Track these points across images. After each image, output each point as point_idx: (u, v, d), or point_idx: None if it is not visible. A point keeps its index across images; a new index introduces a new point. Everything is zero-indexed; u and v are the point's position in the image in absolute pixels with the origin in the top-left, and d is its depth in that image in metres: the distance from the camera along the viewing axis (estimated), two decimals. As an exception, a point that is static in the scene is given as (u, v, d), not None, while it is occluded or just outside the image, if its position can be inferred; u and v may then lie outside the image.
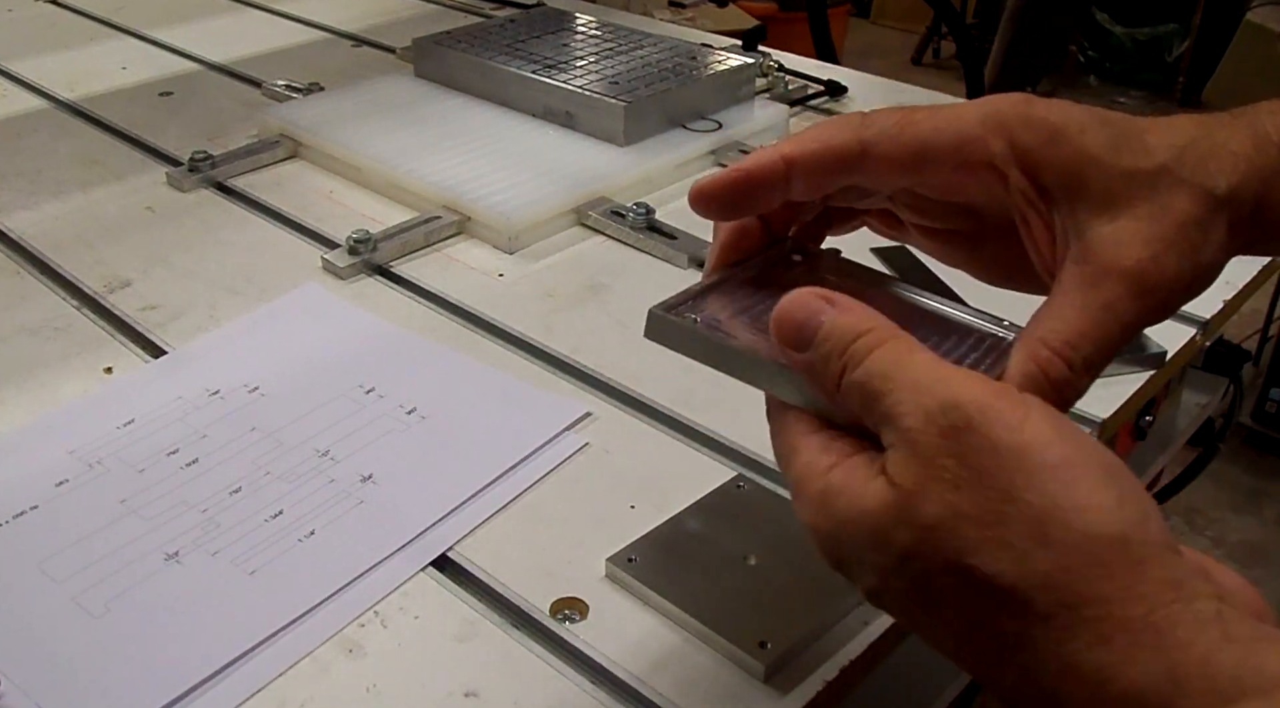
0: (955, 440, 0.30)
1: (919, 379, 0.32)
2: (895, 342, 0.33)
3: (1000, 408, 0.31)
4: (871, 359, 0.33)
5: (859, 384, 0.33)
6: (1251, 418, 1.92)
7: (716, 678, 0.44)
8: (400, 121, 0.89)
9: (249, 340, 0.65)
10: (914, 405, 0.31)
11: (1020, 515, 0.29)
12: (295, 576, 0.48)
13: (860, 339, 0.33)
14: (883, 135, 0.38)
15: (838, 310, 0.34)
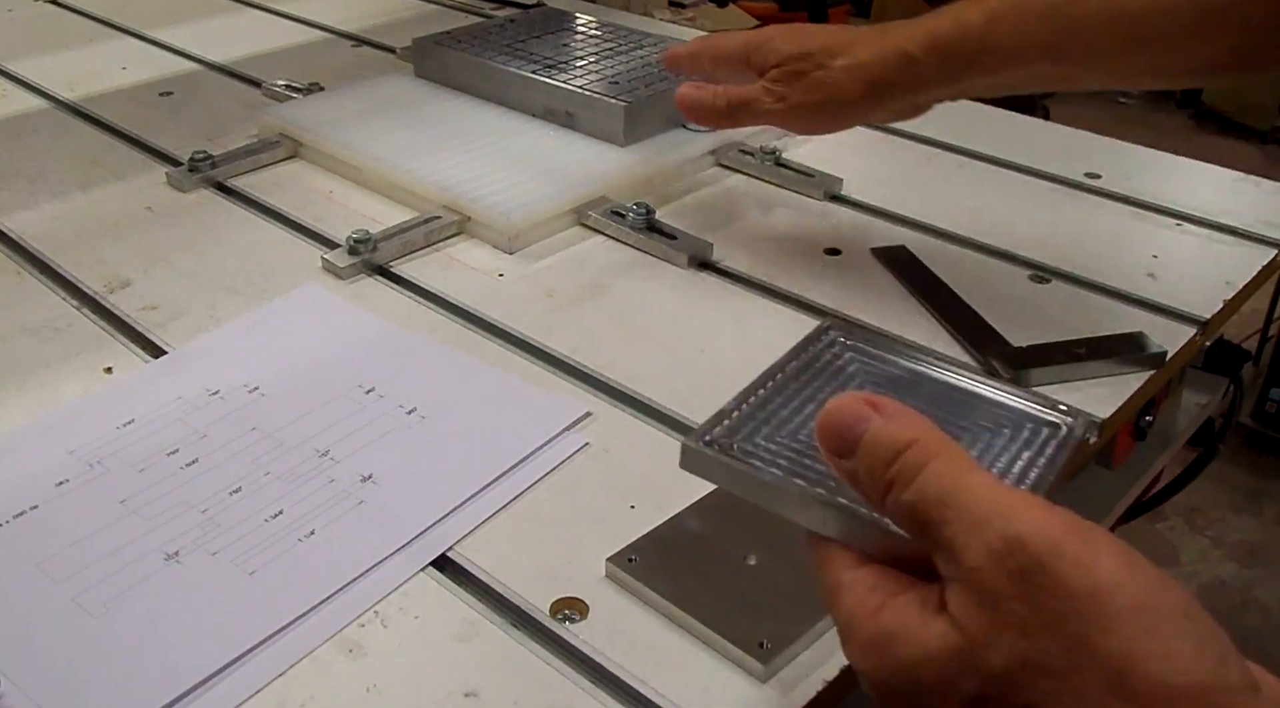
0: (1025, 583, 0.29)
1: (979, 510, 0.30)
2: (946, 459, 0.32)
3: (1070, 546, 0.29)
4: (923, 480, 0.31)
5: (910, 506, 0.32)
6: (1251, 418, 1.92)
7: (716, 678, 0.44)
8: (400, 121, 0.89)
9: (249, 340, 0.65)
10: (976, 541, 0.30)
11: (1097, 665, 0.28)
12: (295, 576, 0.48)
13: (908, 451, 0.32)
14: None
15: (884, 417, 0.33)
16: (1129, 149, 0.93)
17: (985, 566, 0.29)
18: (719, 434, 0.38)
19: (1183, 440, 0.86)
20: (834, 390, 0.41)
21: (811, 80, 0.64)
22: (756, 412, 0.40)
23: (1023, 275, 0.73)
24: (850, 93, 0.63)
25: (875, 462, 0.33)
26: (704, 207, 0.82)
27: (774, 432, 0.39)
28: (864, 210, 0.82)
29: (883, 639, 0.32)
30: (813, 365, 0.42)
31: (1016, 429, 0.39)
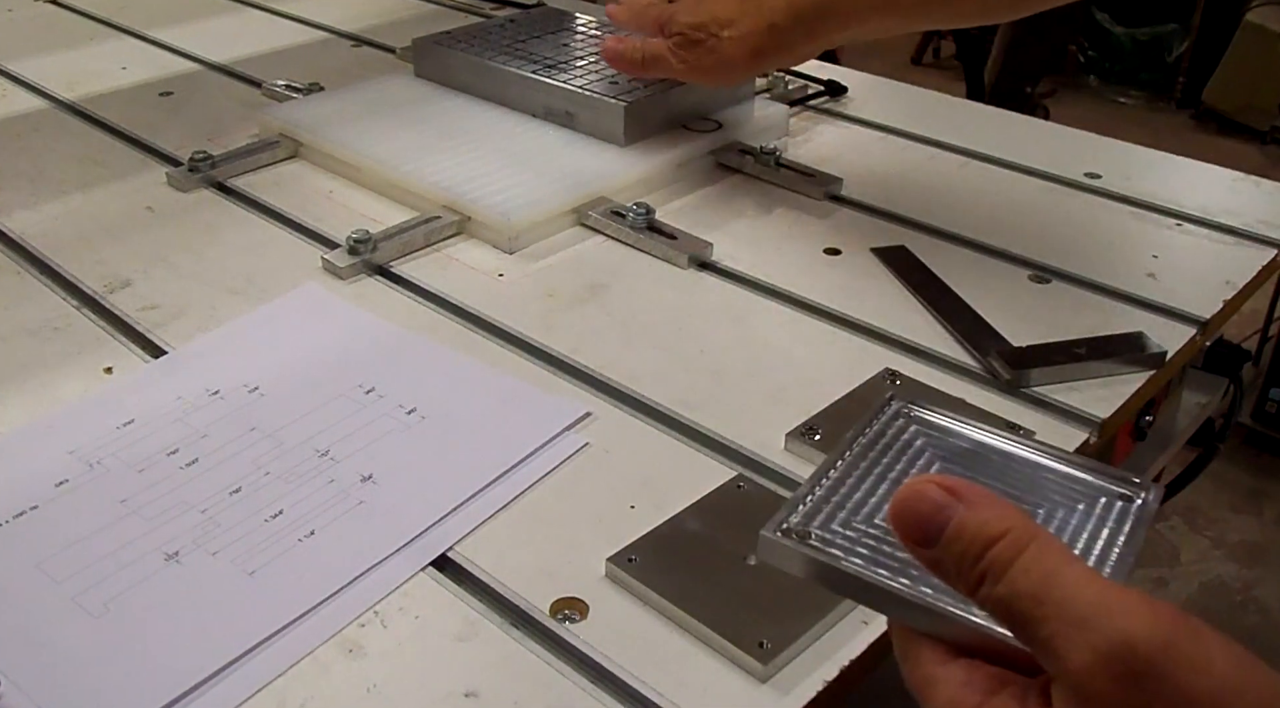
0: (1138, 689, 0.27)
1: (1081, 607, 0.29)
2: (1039, 550, 0.30)
3: (1182, 647, 0.27)
4: (1016, 573, 0.30)
5: (1004, 602, 0.30)
6: (1251, 418, 1.92)
7: (716, 678, 0.44)
8: (400, 121, 0.89)
9: (249, 340, 0.65)
10: (1080, 642, 0.28)
11: None
12: (295, 576, 0.48)
13: (999, 545, 0.30)
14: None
15: (967, 506, 0.32)
16: (1129, 149, 0.93)
17: (1093, 668, 0.28)
18: (796, 523, 0.37)
19: (1183, 440, 0.86)
20: (905, 468, 0.40)
21: (705, 48, 0.77)
22: (830, 496, 0.38)
23: (1023, 275, 0.73)
24: (736, 58, 0.76)
25: (964, 555, 0.31)
26: (704, 206, 0.82)
27: (850, 516, 0.38)
28: (864, 210, 0.82)
29: None
30: (879, 442, 0.41)
31: (1090, 503, 0.38)
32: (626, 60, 0.82)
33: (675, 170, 0.85)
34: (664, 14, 0.81)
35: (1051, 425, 0.58)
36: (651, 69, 0.81)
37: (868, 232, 0.78)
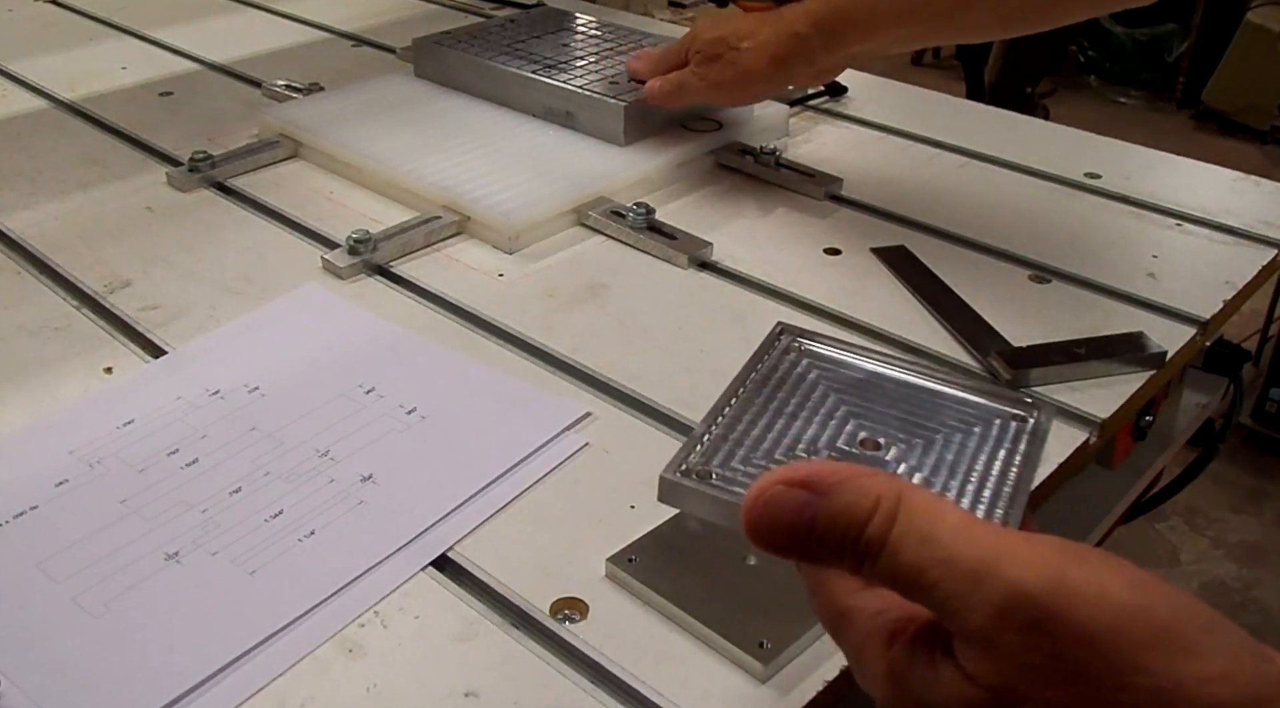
0: (1039, 635, 0.27)
1: (964, 565, 0.28)
2: (910, 516, 0.30)
3: (1073, 583, 0.27)
4: (894, 548, 0.29)
5: (889, 576, 0.30)
6: (1251, 418, 1.92)
7: (716, 678, 0.44)
8: (400, 121, 0.89)
9: (249, 340, 0.65)
10: (975, 602, 0.28)
11: (1139, 702, 0.27)
12: (295, 576, 0.48)
13: (870, 525, 0.30)
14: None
15: (823, 496, 0.31)
16: (1129, 149, 0.93)
17: (992, 625, 0.28)
18: (695, 462, 0.36)
19: (1183, 440, 0.86)
20: (800, 402, 0.40)
21: (725, 61, 0.77)
22: (728, 433, 0.38)
23: (1023, 275, 0.73)
24: (756, 68, 0.76)
25: (840, 547, 0.30)
26: (704, 206, 0.82)
27: (749, 452, 0.37)
28: (864, 210, 0.82)
29: (898, 675, 0.31)
30: (772, 377, 0.41)
31: (986, 426, 0.39)
32: (655, 94, 0.83)
33: (675, 170, 0.85)
34: (686, 40, 0.81)
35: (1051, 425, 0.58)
36: (679, 96, 0.82)
37: (868, 232, 0.78)
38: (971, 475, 0.36)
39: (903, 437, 0.39)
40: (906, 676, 0.30)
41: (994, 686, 0.28)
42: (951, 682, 0.29)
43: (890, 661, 0.31)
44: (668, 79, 0.82)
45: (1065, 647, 0.27)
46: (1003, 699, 0.28)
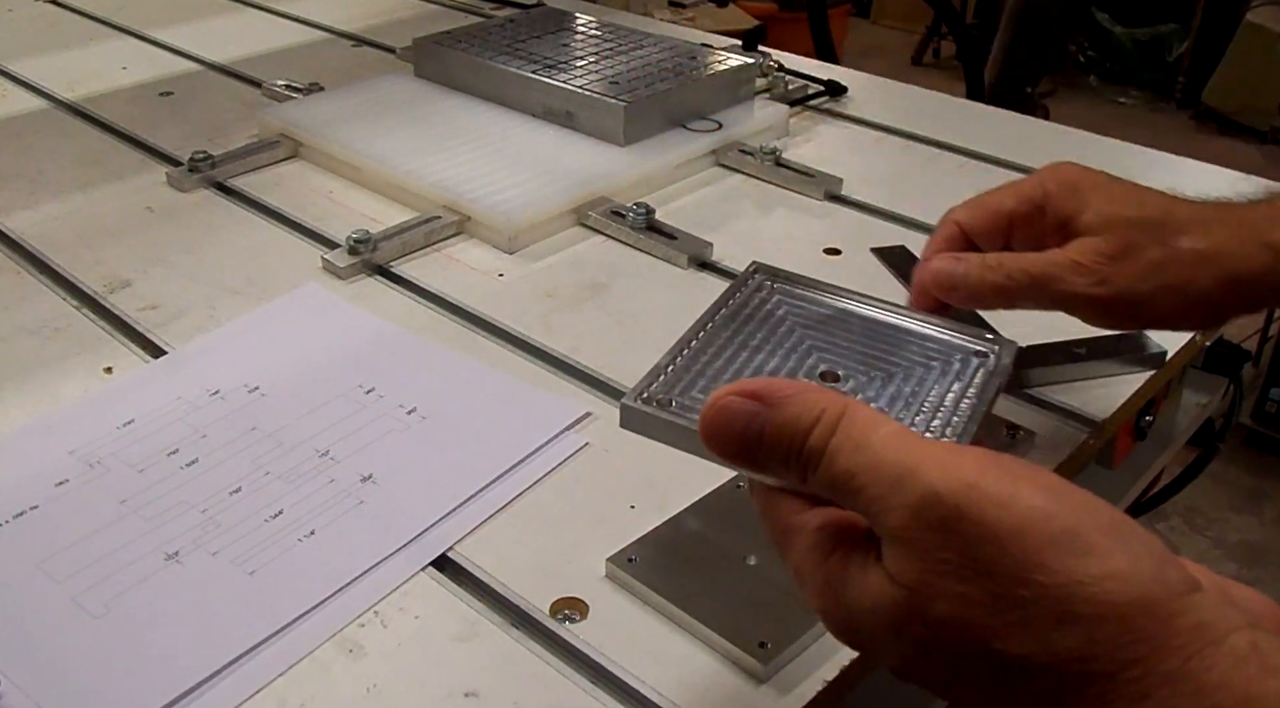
0: (949, 533, 0.29)
1: (889, 469, 0.31)
2: (849, 425, 0.32)
3: (986, 487, 0.30)
4: (832, 454, 0.32)
5: (827, 483, 0.32)
6: (1251, 418, 1.92)
7: (716, 678, 0.44)
8: (400, 121, 0.89)
9: (249, 340, 0.65)
10: (894, 503, 0.30)
11: (1038, 597, 0.28)
12: (295, 576, 0.48)
13: (813, 434, 0.32)
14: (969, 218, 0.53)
15: (773, 407, 0.33)
16: (1129, 149, 0.93)
17: (907, 524, 0.30)
18: (656, 391, 0.38)
19: (1183, 441, 0.86)
20: (765, 335, 0.41)
21: (1147, 262, 0.48)
22: (691, 364, 0.40)
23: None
24: (1202, 286, 0.48)
25: (786, 455, 0.33)
26: (704, 206, 0.82)
27: (710, 383, 0.39)
28: (864, 210, 0.82)
29: (832, 585, 0.33)
30: (741, 312, 0.42)
31: (946, 362, 0.40)
32: (974, 286, 0.50)
33: (675, 170, 0.85)
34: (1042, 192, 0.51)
35: (1052, 425, 0.58)
36: (1031, 294, 0.50)
37: (868, 232, 0.78)
38: (924, 406, 0.38)
39: (862, 369, 0.40)
40: (841, 584, 0.32)
41: (910, 583, 0.30)
42: (877, 583, 0.31)
43: (827, 571, 0.33)
44: (1011, 266, 0.50)
45: (972, 545, 0.29)
46: (918, 595, 0.30)
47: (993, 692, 0.30)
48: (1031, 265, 0.49)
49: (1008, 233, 0.51)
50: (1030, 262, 0.49)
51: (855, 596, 0.32)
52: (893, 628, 0.31)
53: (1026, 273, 0.48)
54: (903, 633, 0.31)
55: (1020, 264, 0.49)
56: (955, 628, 0.30)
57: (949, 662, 0.30)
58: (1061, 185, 0.50)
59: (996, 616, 0.29)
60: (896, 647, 0.31)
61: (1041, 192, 0.50)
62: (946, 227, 0.53)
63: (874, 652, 0.33)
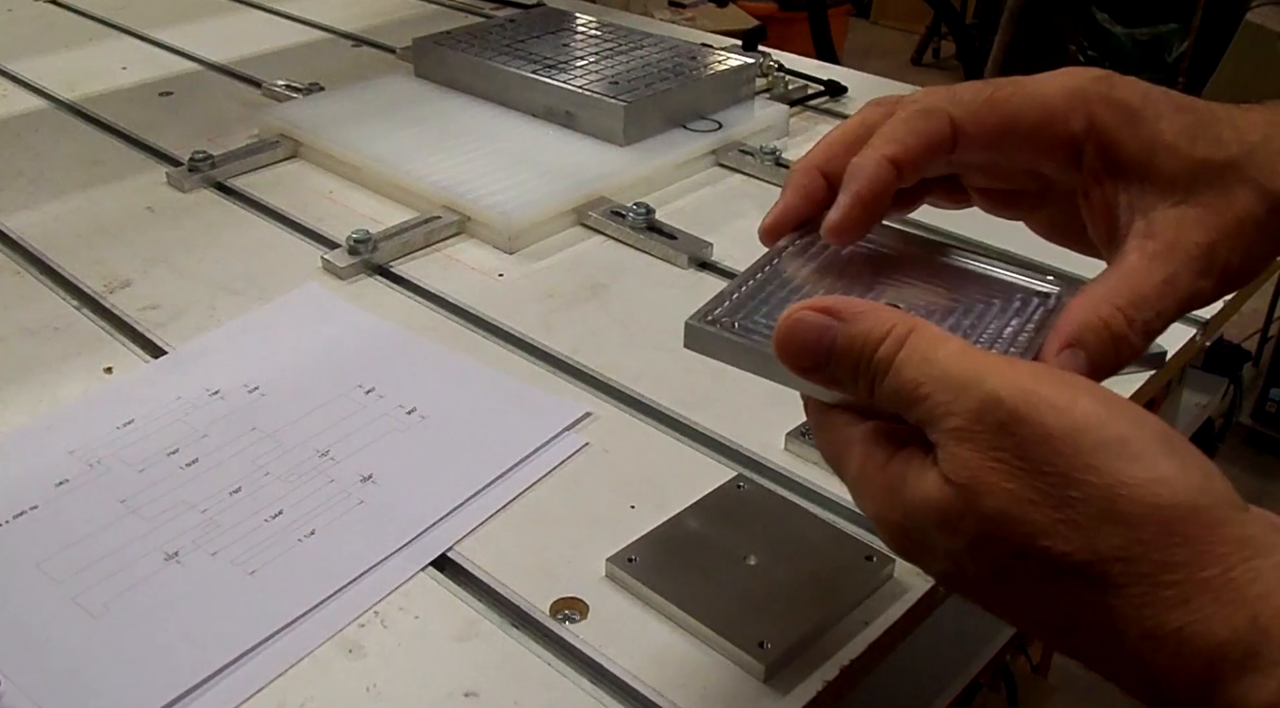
0: (1005, 434, 0.30)
1: (953, 377, 0.32)
2: (917, 339, 0.33)
3: (1044, 393, 0.30)
4: (899, 365, 0.33)
5: (892, 393, 0.33)
6: (1251, 418, 1.92)
7: (716, 678, 0.44)
8: (400, 121, 0.89)
9: (249, 340, 0.65)
10: (955, 406, 0.31)
11: (1085, 496, 0.29)
12: (295, 576, 0.48)
13: (882, 346, 0.33)
14: (969, 114, 0.39)
15: (845, 322, 0.34)
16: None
17: (965, 425, 0.31)
18: (721, 314, 0.39)
19: (1183, 440, 0.86)
20: (830, 270, 0.42)
21: (1252, 223, 0.37)
22: (756, 293, 0.41)
23: (1023, 275, 0.73)
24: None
25: (855, 367, 0.34)
26: (704, 206, 0.82)
27: (774, 310, 0.39)
28: (864, 210, 0.81)
29: (892, 488, 0.33)
30: (809, 249, 0.43)
31: (1007, 300, 0.40)
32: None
33: (675, 170, 0.85)
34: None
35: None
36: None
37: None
38: (982, 338, 0.38)
39: (923, 304, 0.40)
40: (901, 485, 0.33)
41: (965, 480, 0.31)
42: (934, 483, 0.32)
43: (888, 475, 0.34)
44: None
45: (1026, 445, 0.30)
46: (971, 491, 0.31)
47: (1035, 593, 0.31)
48: (1163, 299, 0.37)
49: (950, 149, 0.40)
50: (1154, 292, 0.36)
51: (913, 496, 0.32)
52: (946, 525, 0.32)
53: (1165, 316, 0.37)
54: (955, 530, 0.31)
55: (1153, 307, 0.36)
56: (1004, 524, 0.30)
57: (995, 560, 0.31)
58: (1115, 111, 0.38)
59: (1044, 513, 0.30)
60: (948, 545, 0.32)
61: (1085, 120, 0.38)
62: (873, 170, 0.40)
63: (926, 555, 0.34)
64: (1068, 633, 0.31)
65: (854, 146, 0.41)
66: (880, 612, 0.47)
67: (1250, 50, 3.12)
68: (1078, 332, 0.36)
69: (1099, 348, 0.36)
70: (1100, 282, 0.37)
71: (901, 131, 0.39)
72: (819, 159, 0.42)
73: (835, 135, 0.42)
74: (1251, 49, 3.12)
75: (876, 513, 0.34)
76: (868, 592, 0.48)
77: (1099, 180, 0.39)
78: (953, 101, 0.40)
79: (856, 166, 0.40)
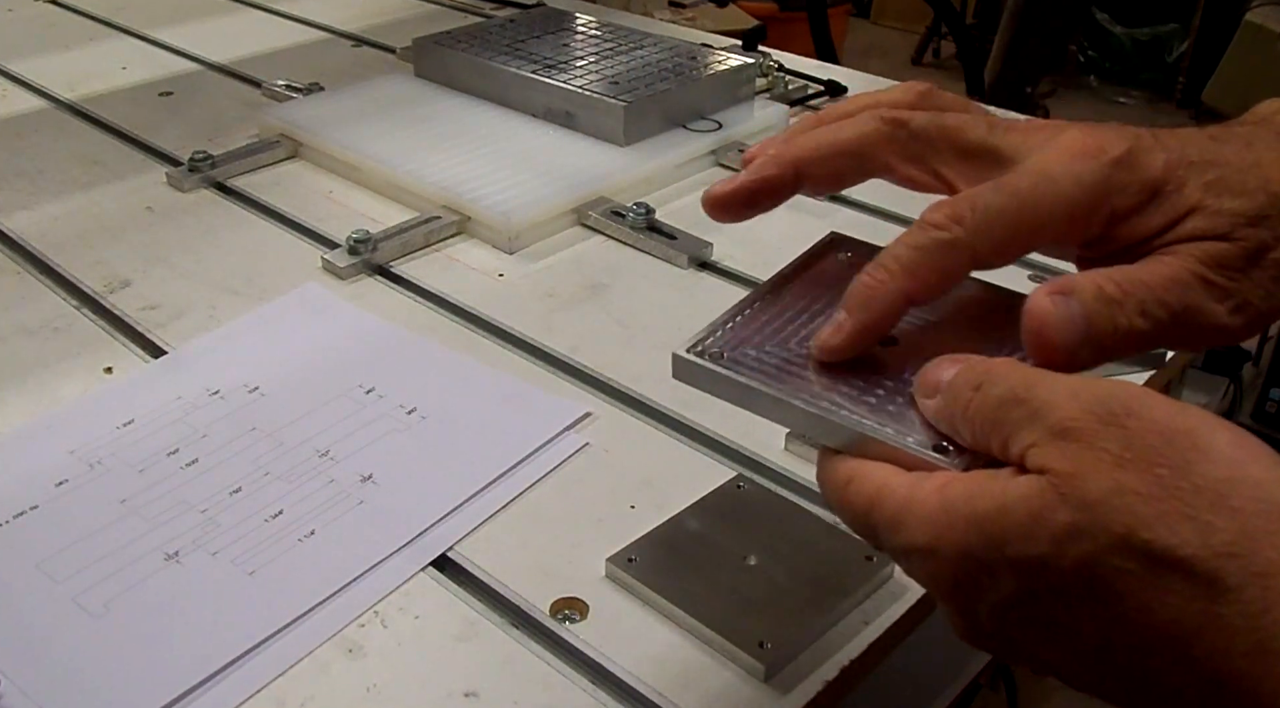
0: (1117, 426, 0.29)
1: (1066, 382, 0.30)
2: (1027, 367, 0.32)
3: (1158, 398, 0.29)
4: (1004, 376, 0.32)
5: (996, 399, 0.31)
6: (1251, 418, 1.92)
7: (716, 678, 0.44)
8: (400, 121, 0.89)
9: (249, 340, 0.65)
10: (1067, 399, 0.30)
11: (1197, 488, 0.27)
12: (295, 576, 0.48)
13: (991, 369, 0.32)
14: (984, 233, 0.36)
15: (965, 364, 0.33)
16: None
17: (1076, 415, 0.29)
18: (710, 345, 0.39)
19: (1183, 441, 0.86)
20: (829, 302, 0.41)
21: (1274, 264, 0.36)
22: (749, 323, 0.40)
23: (1022, 275, 0.73)
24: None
25: (963, 383, 0.33)
26: (704, 207, 0.82)
27: (766, 342, 0.39)
28: (864, 210, 0.82)
29: (956, 501, 0.31)
30: (810, 278, 0.43)
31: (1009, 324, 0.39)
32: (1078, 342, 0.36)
33: (675, 170, 0.85)
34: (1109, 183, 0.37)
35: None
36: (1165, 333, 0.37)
37: (869, 231, 0.78)
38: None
39: (919, 332, 0.40)
40: (971, 499, 0.30)
41: (1064, 469, 0.29)
42: (1017, 481, 0.30)
43: (947, 494, 0.31)
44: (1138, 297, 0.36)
45: (1137, 437, 0.28)
46: (1070, 479, 0.28)
47: (1123, 609, 0.28)
48: (1166, 293, 0.35)
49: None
50: (1156, 281, 0.35)
51: (989, 503, 0.30)
52: (1028, 520, 0.29)
53: (1164, 304, 0.35)
54: (1039, 526, 0.29)
55: (1152, 292, 0.35)
56: (1106, 511, 0.28)
57: (1083, 566, 0.28)
58: (1138, 196, 0.36)
59: (1151, 503, 0.28)
60: (1022, 551, 0.29)
61: (1107, 216, 0.37)
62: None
63: (982, 582, 0.30)
64: (1150, 656, 0.28)
65: (844, 155, 0.40)
66: (880, 612, 0.47)
67: (1250, 50, 3.12)
68: (1072, 284, 0.34)
69: (1094, 305, 0.34)
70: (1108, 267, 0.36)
71: (924, 267, 0.36)
72: (800, 154, 0.40)
73: (826, 138, 0.40)
74: (1251, 49, 3.12)
75: (933, 537, 0.31)
76: (868, 592, 0.48)
77: (1116, 251, 0.38)
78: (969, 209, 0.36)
79: (872, 295, 0.36)
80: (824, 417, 0.35)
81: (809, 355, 0.38)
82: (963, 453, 0.33)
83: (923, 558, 0.32)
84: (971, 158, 0.39)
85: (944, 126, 0.39)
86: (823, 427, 0.36)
